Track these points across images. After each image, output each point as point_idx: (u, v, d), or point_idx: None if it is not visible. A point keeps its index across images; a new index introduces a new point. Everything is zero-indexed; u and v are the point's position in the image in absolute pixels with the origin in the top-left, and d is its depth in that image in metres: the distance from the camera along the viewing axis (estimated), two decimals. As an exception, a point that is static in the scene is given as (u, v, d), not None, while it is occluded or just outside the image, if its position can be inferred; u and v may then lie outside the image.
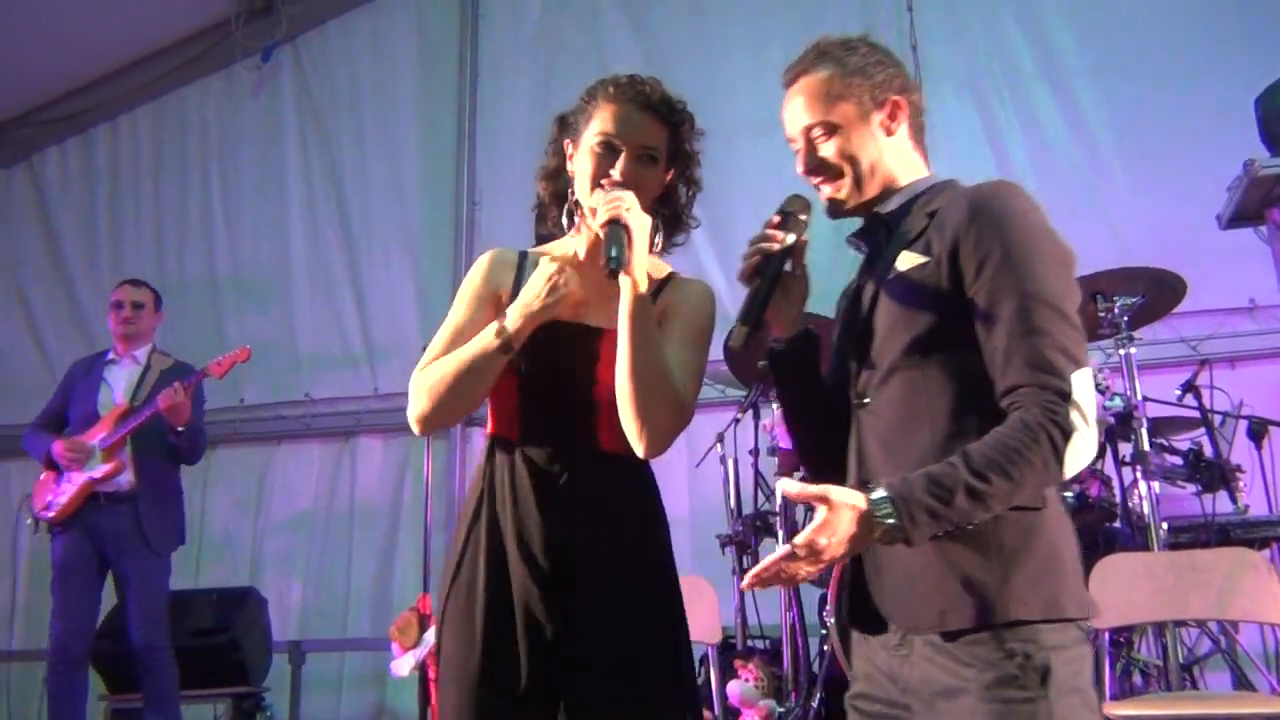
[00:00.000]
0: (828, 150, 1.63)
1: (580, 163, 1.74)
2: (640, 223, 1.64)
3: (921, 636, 1.49)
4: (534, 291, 1.70)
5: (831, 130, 1.62)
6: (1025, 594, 1.43)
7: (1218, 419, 3.67)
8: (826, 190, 1.67)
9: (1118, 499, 3.57)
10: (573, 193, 1.77)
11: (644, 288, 1.65)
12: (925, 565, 1.47)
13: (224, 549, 5.73)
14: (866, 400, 1.58)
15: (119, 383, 4.14)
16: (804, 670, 3.47)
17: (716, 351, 4.05)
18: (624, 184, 1.69)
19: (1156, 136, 4.88)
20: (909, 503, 1.36)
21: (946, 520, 1.37)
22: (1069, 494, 3.55)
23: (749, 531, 3.79)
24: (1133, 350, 3.41)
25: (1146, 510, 3.30)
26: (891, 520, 1.35)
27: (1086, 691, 1.45)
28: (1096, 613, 1.52)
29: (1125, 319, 3.41)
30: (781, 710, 3.35)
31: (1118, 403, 3.36)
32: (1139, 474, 3.33)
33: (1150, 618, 3.08)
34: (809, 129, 1.64)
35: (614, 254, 1.59)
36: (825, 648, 3.40)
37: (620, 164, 1.71)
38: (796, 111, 1.66)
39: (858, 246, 1.75)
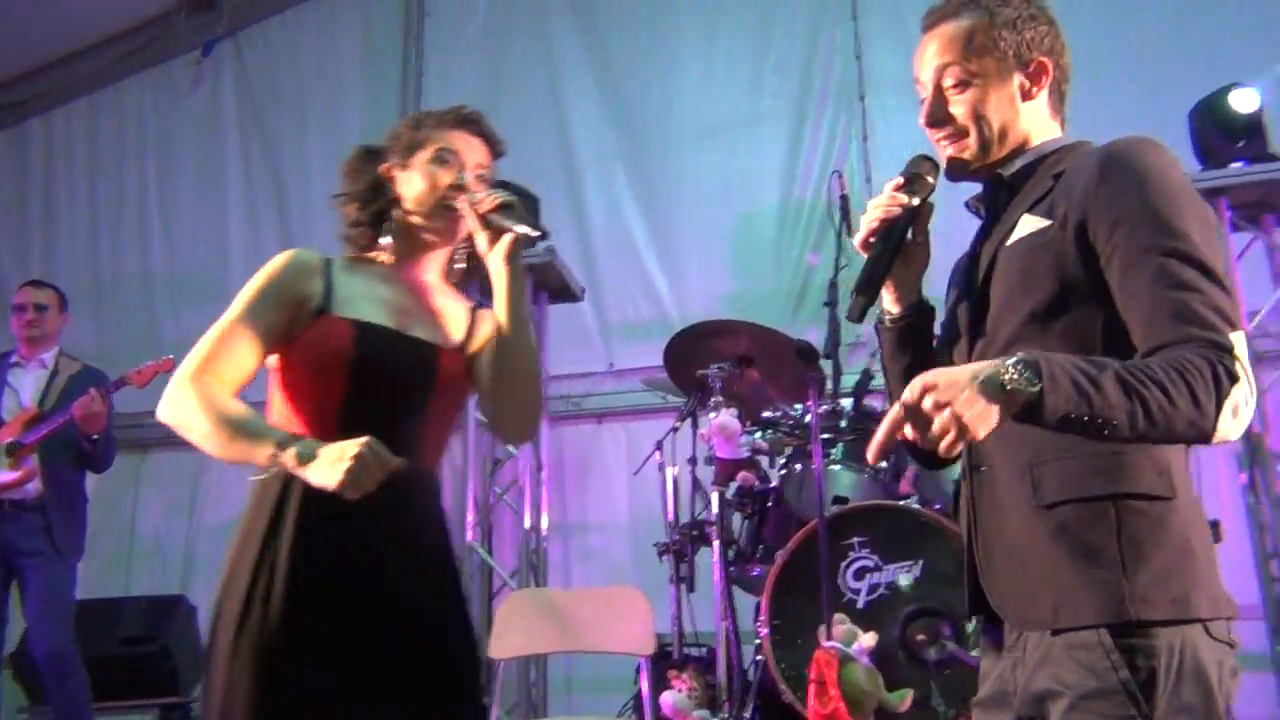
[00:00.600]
0: (958, 103, 1.50)
1: (417, 178, 1.79)
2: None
3: (1033, 635, 1.36)
4: (336, 468, 1.51)
5: (967, 82, 1.49)
6: (1151, 591, 1.29)
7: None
8: (949, 149, 1.53)
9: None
10: (394, 209, 1.82)
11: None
12: (1039, 553, 1.35)
13: (155, 555, 5.62)
14: None
15: (25, 387, 3.99)
16: (738, 679, 3.47)
17: (658, 359, 4.09)
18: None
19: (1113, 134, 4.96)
20: (1052, 364, 1.19)
21: (1090, 403, 1.18)
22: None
23: (685, 540, 3.78)
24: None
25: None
26: (1029, 376, 1.17)
27: (1200, 713, 1.28)
28: (1235, 614, 1.35)
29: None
30: (715, 720, 3.34)
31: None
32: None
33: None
34: (942, 70, 1.50)
35: (526, 221, 1.69)
36: (758, 656, 3.40)
37: (466, 176, 1.79)
38: (932, 54, 1.52)
39: (977, 212, 1.61)
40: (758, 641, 3.43)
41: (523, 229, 1.68)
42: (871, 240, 1.52)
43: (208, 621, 1.61)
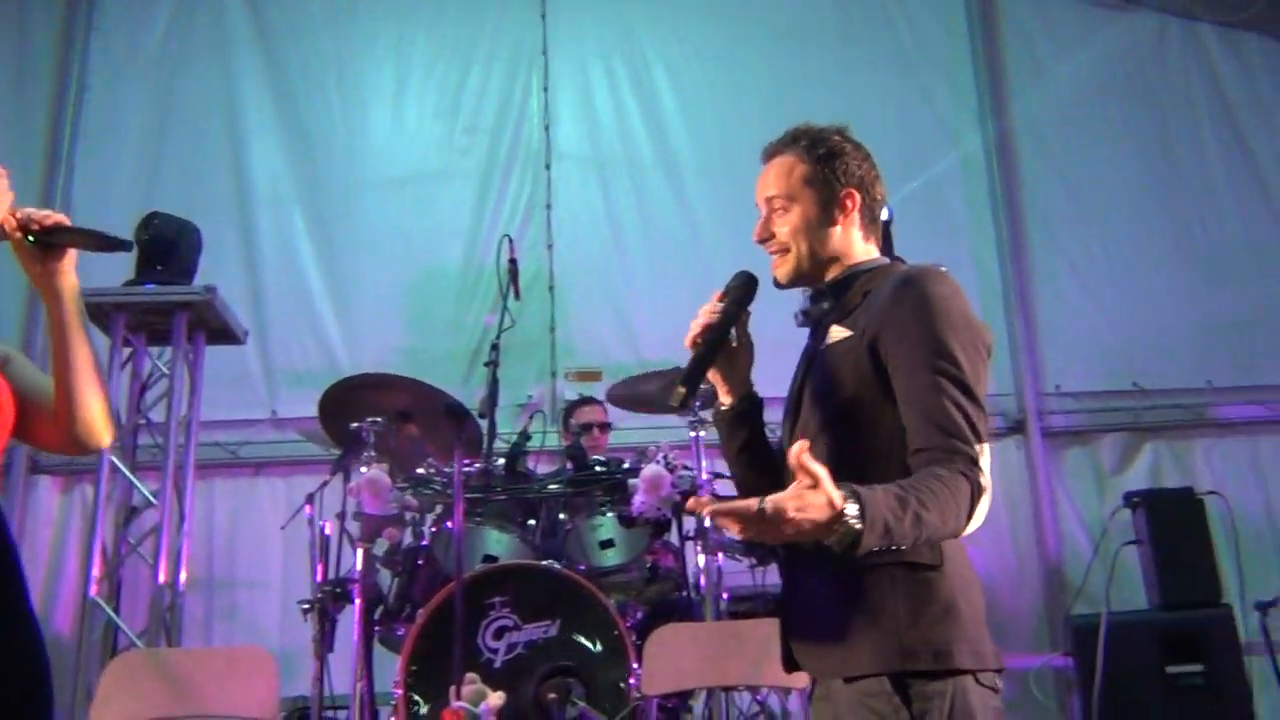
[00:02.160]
0: (781, 225, 1.79)
1: None
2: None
3: (836, 685, 1.60)
4: None
5: (787, 208, 1.78)
6: (917, 646, 1.54)
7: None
8: (775, 263, 1.80)
9: (684, 570, 3.82)
10: None
11: None
12: (833, 612, 1.60)
13: None
14: None
15: None
16: (370, 742, 3.38)
17: (309, 409, 3.97)
18: None
19: (753, 221, 5.37)
20: (873, 512, 1.41)
21: (891, 538, 1.44)
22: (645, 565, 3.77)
23: (328, 598, 3.65)
24: (702, 432, 3.69)
25: (704, 582, 3.55)
26: (857, 524, 1.40)
27: None
28: (999, 664, 1.60)
29: (698, 402, 3.68)
30: (343, 785, 3.24)
31: (686, 480, 3.61)
32: (698, 548, 3.59)
33: (695, 684, 3.30)
34: (770, 199, 1.81)
35: (106, 234, 1.70)
36: (394, 718, 3.34)
37: None
38: (765, 182, 1.82)
39: (804, 322, 1.84)
40: (392, 703, 3.37)
41: (99, 237, 1.71)
42: (697, 341, 1.77)
43: None
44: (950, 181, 5.66)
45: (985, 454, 1.58)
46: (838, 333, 1.72)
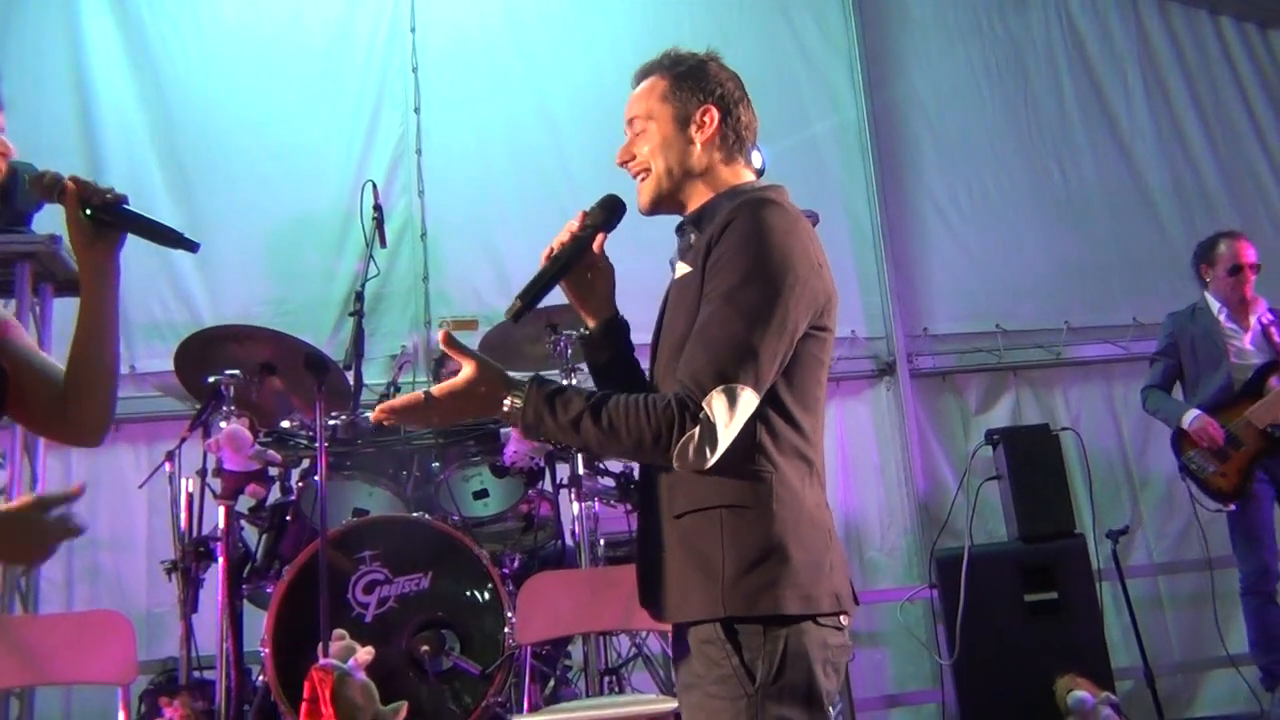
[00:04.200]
0: (640, 146, 1.77)
1: None
2: None
3: (683, 631, 1.63)
4: None
5: (646, 126, 1.77)
6: (742, 593, 1.54)
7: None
8: (638, 186, 1.79)
9: (559, 518, 3.82)
10: None
11: None
12: (670, 558, 1.60)
13: None
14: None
15: None
16: (235, 702, 3.31)
17: (169, 363, 3.81)
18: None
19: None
20: (536, 398, 1.55)
21: (551, 433, 1.57)
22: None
23: (191, 557, 3.54)
24: (575, 380, 3.67)
25: (578, 530, 3.56)
26: (517, 403, 1.55)
27: (806, 688, 1.53)
28: (837, 608, 1.59)
29: (568, 351, 3.66)
30: (209, 748, 3.17)
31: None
32: (574, 496, 3.58)
33: (569, 630, 3.32)
34: (632, 120, 1.80)
35: (169, 227, 1.73)
36: (260, 679, 3.27)
37: None
38: (629, 104, 1.81)
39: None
40: (261, 661, 3.30)
41: (165, 231, 1.69)
42: (547, 261, 1.75)
43: None
44: (821, 128, 5.71)
45: (739, 395, 1.53)
46: (683, 267, 1.72)
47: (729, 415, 1.51)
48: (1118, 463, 5.44)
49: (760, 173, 1.91)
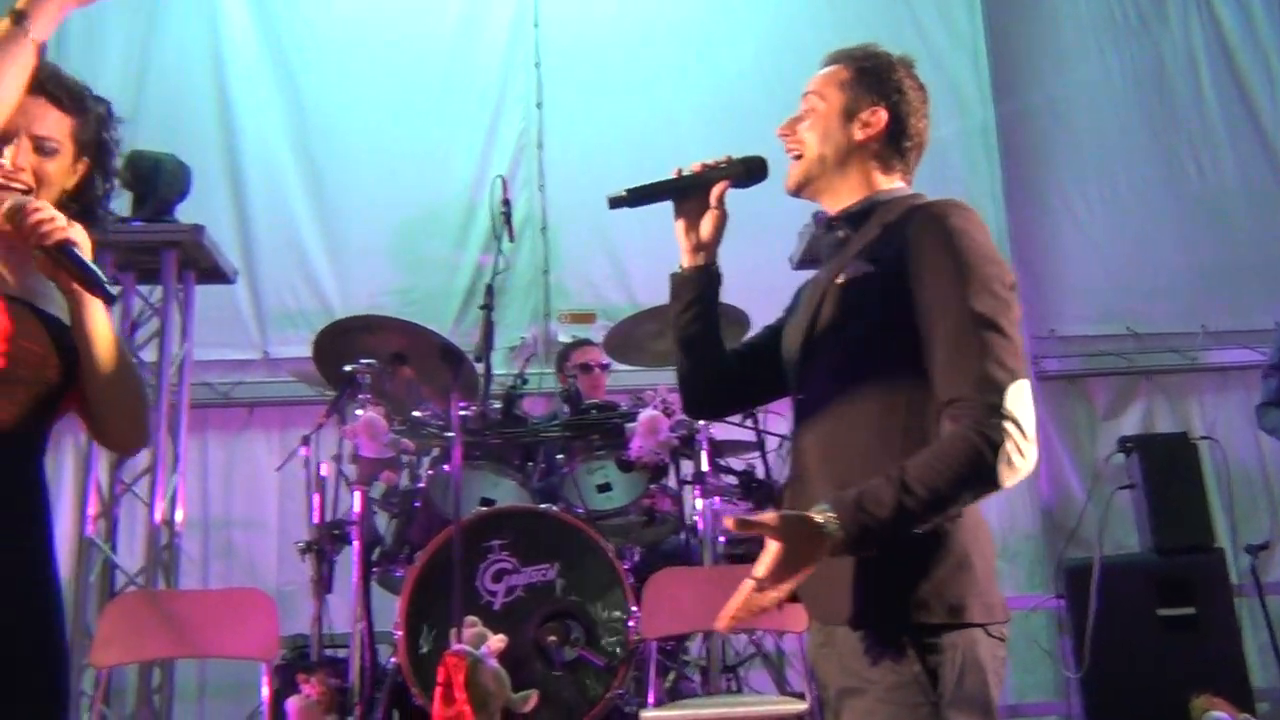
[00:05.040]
0: (803, 124, 1.76)
1: None
2: (81, 235, 1.56)
3: (840, 633, 1.58)
4: None
5: (816, 108, 1.75)
6: (930, 599, 1.51)
7: (774, 443, 4.04)
8: (790, 162, 1.77)
9: (682, 514, 3.83)
10: None
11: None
12: (842, 560, 1.53)
13: None
14: (803, 396, 1.71)
15: None
16: (370, 682, 3.40)
17: (301, 350, 3.93)
18: (16, 176, 1.58)
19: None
20: (846, 518, 1.44)
21: (885, 533, 1.45)
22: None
23: (325, 539, 3.65)
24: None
25: (703, 525, 3.56)
26: (837, 535, 1.43)
27: (982, 698, 1.51)
28: (1006, 617, 1.58)
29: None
30: (343, 725, 3.26)
31: (683, 424, 3.60)
32: (698, 492, 3.59)
33: (695, 627, 3.33)
34: (806, 95, 1.78)
35: (102, 280, 1.55)
36: (393, 660, 3.36)
37: (10, 152, 1.58)
38: (811, 79, 1.79)
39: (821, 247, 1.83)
40: (393, 643, 3.39)
41: (90, 279, 1.55)
42: (673, 176, 1.78)
43: None
44: (948, 125, 5.59)
45: (1022, 389, 1.50)
46: (856, 267, 1.66)
47: (1025, 410, 1.50)
48: (1256, 474, 5.22)
49: None
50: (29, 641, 1.55)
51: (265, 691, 2.96)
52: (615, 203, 1.75)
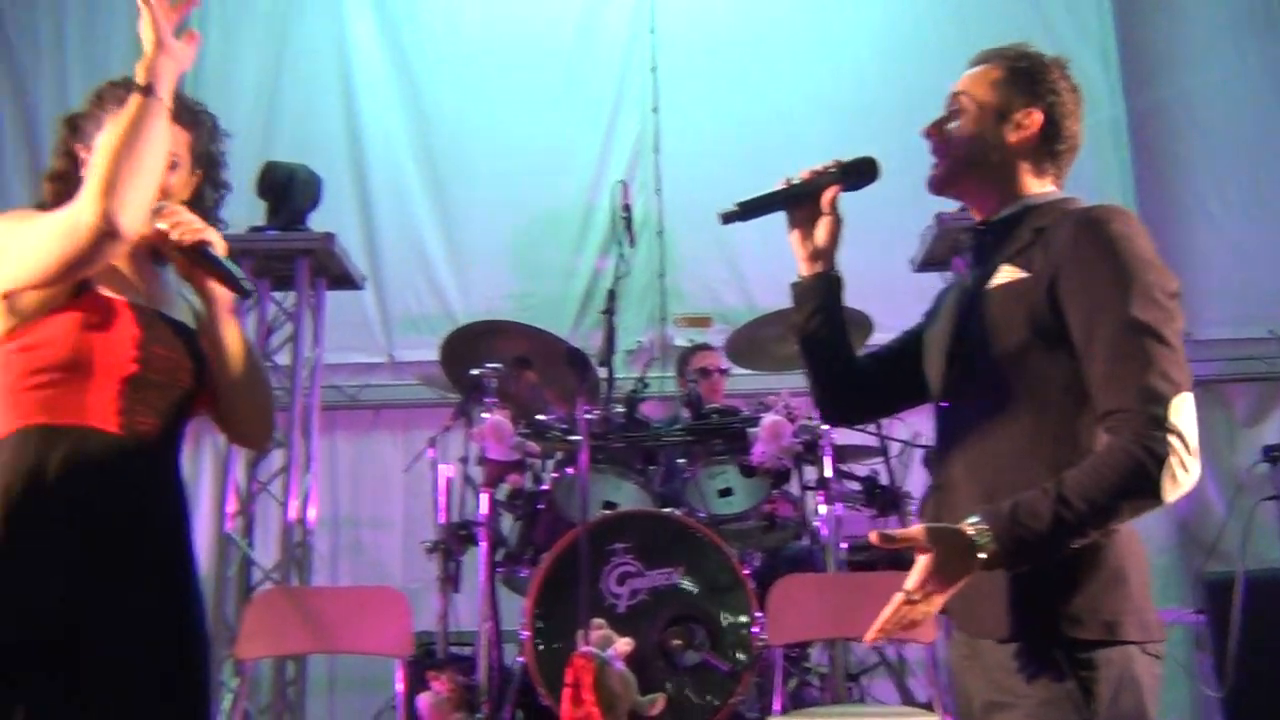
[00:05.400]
0: (951, 124, 1.71)
1: None
2: (216, 236, 1.70)
3: (987, 646, 1.55)
4: (150, 33, 1.59)
5: (965, 108, 1.70)
6: (1083, 614, 1.48)
7: (896, 449, 3.98)
8: (933, 162, 1.73)
9: (803, 520, 3.81)
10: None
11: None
12: (995, 572, 1.49)
13: None
14: (947, 404, 1.68)
15: None
16: (497, 680, 3.47)
17: (425, 354, 4.03)
18: None
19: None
20: (1000, 530, 1.42)
21: (1041, 547, 1.42)
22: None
23: (453, 539, 3.74)
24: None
25: (826, 532, 3.53)
26: (985, 555, 1.41)
27: (1134, 717, 1.47)
28: (1162, 636, 1.53)
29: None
30: (471, 722, 3.33)
31: (807, 429, 3.57)
32: (821, 498, 3.56)
33: (820, 635, 3.30)
34: (953, 96, 1.73)
35: (239, 276, 1.69)
36: (520, 659, 3.41)
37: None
38: (959, 80, 1.74)
39: (967, 252, 1.80)
40: (520, 643, 3.45)
41: (227, 275, 1.68)
42: (782, 186, 1.76)
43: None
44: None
45: (1186, 402, 1.46)
46: (1008, 273, 1.61)
47: (1189, 424, 1.46)
48: None
49: None
50: (178, 633, 1.64)
51: (399, 687, 3.04)
52: (727, 218, 1.74)
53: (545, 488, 3.75)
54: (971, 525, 1.44)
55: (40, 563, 1.50)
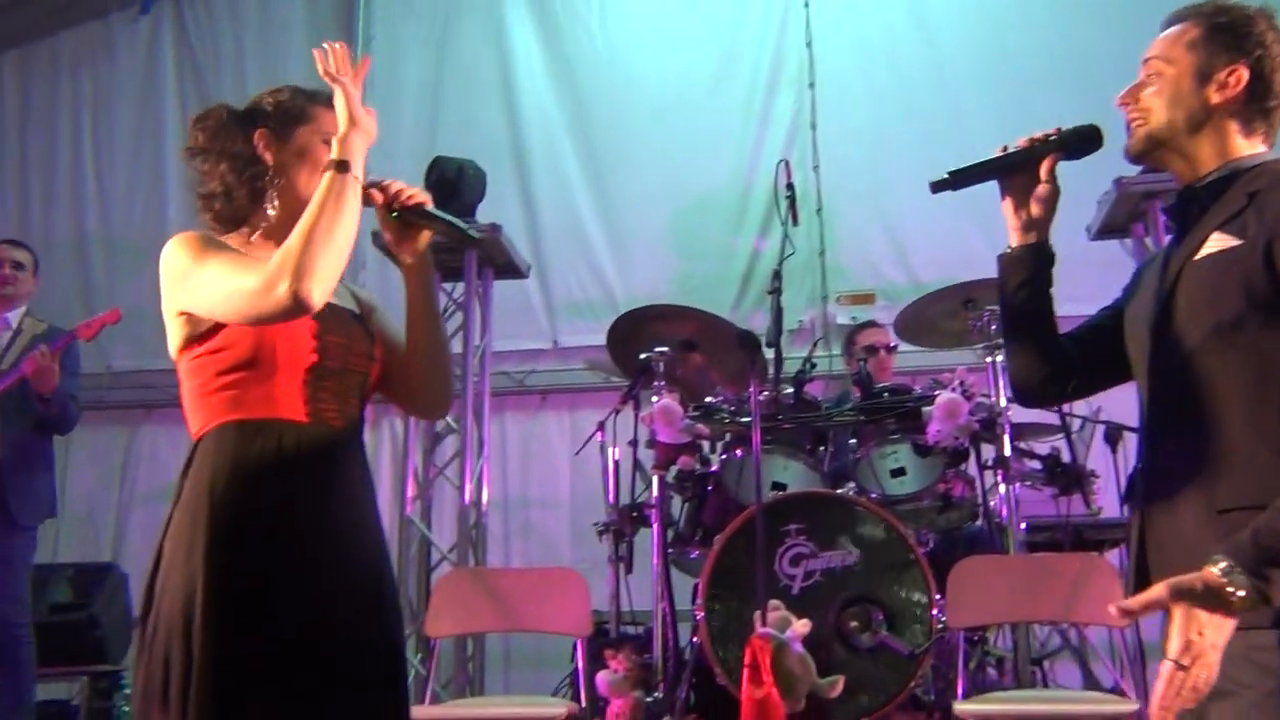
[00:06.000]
0: (1147, 91, 1.63)
1: (301, 154, 1.76)
2: (428, 196, 1.79)
3: None
4: (345, 110, 1.67)
5: (1162, 71, 1.62)
6: None
7: (1076, 425, 3.83)
8: (1131, 129, 1.65)
9: (980, 500, 3.71)
10: (266, 180, 1.77)
11: None
12: (1209, 554, 1.39)
13: (85, 523, 5.51)
14: (1154, 382, 1.59)
15: None
16: (673, 660, 3.51)
17: (601, 338, 4.09)
18: None
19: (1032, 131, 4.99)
20: (1253, 561, 1.32)
21: None
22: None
23: (624, 521, 3.80)
24: (999, 358, 3.52)
25: (1006, 512, 3.43)
26: (1243, 591, 1.31)
27: None
28: None
29: (994, 327, 3.52)
30: (649, 700, 3.38)
31: (983, 407, 3.47)
32: (1000, 477, 3.45)
33: (1004, 618, 3.21)
34: (1147, 62, 1.65)
35: (465, 226, 1.82)
36: (695, 638, 3.44)
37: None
38: (1152, 44, 1.66)
39: (1169, 223, 1.72)
40: (693, 623, 3.48)
41: (453, 227, 1.78)
42: (998, 154, 1.69)
43: (139, 591, 1.61)
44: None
45: None
46: (1218, 241, 1.52)
47: None
48: None
49: None
50: (380, 608, 1.72)
51: (580, 664, 3.11)
52: (937, 187, 1.70)
53: (714, 469, 3.76)
54: (1218, 568, 1.33)
55: (247, 551, 1.59)
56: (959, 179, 1.69)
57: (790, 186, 4.17)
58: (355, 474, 1.75)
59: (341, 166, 1.63)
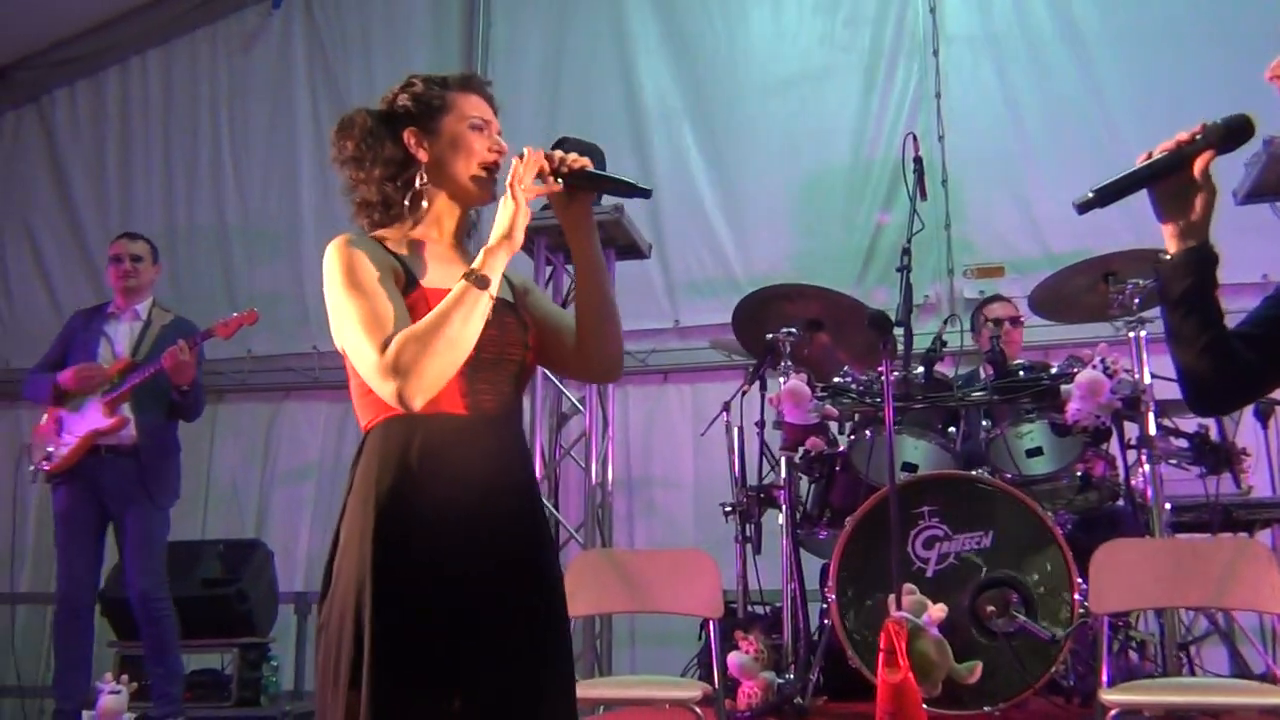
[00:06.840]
0: None
1: (453, 146, 1.79)
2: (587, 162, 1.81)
3: None
4: (506, 223, 1.69)
5: None
6: None
7: (1226, 402, 3.65)
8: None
9: (1121, 480, 3.58)
10: (422, 177, 1.79)
11: None
12: None
13: (231, 501, 5.78)
14: None
15: (120, 337, 4.14)
16: (804, 641, 3.50)
17: (722, 317, 4.07)
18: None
19: (1174, 107, 4.78)
20: None
21: None
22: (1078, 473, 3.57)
23: (752, 502, 3.80)
24: (1143, 333, 3.39)
25: (1150, 492, 3.30)
26: None
27: None
28: None
29: (1136, 300, 3.38)
30: (780, 681, 3.38)
31: (1126, 385, 3.34)
32: (1143, 457, 3.33)
33: (1150, 604, 3.10)
34: None
35: (635, 181, 1.79)
36: (825, 620, 3.43)
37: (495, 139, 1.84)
38: None
39: None
40: (823, 605, 3.46)
41: (624, 184, 1.80)
42: (1142, 162, 1.59)
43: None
44: None
45: None
46: None
47: None
48: None
49: None
50: (543, 586, 1.76)
51: (712, 644, 3.12)
52: (1083, 207, 1.59)
53: (842, 450, 3.73)
54: None
55: (412, 538, 1.64)
56: (1105, 196, 1.58)
57: (918, 160, 4.07)
58: (515, 460, 1.79)
59: (481, 282, 1.64)
